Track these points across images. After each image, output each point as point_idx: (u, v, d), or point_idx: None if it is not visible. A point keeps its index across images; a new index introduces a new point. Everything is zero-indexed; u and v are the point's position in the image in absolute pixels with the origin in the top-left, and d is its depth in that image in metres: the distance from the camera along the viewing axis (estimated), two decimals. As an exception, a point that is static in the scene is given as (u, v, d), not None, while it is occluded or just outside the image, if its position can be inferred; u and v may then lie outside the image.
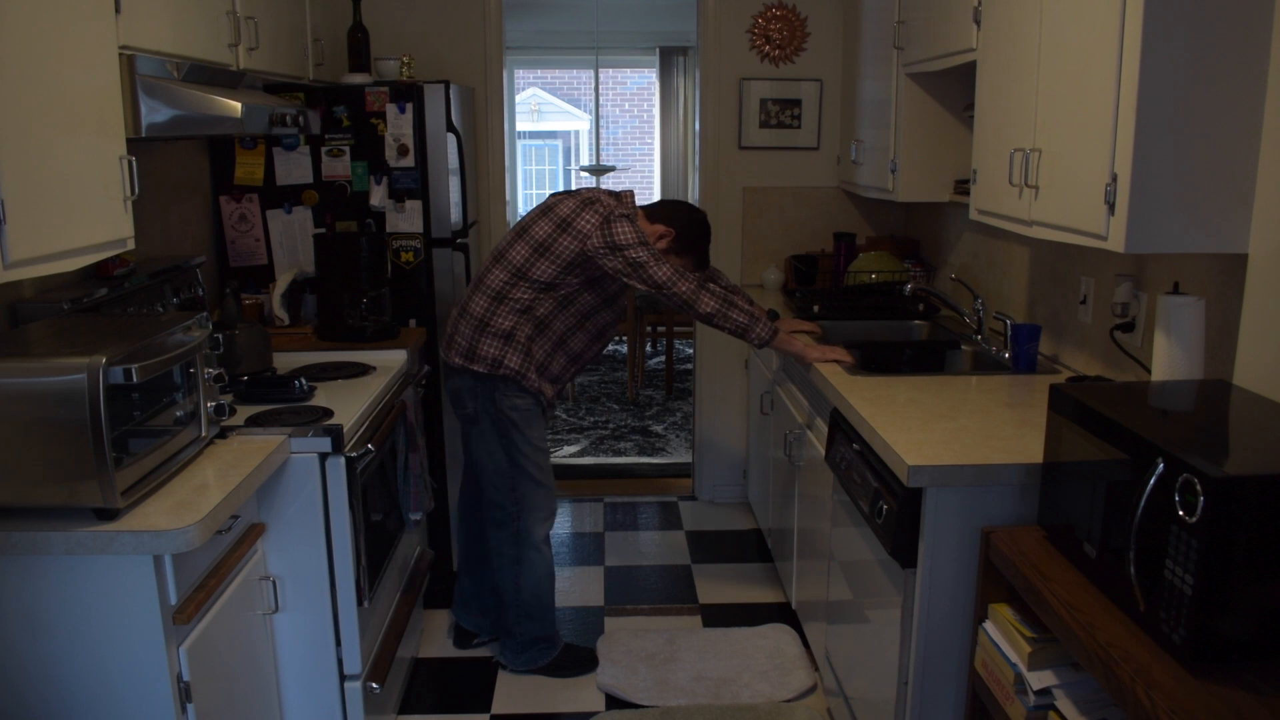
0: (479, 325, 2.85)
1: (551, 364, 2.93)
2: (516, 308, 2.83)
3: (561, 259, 2.80)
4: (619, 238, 2.76)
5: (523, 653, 3.08)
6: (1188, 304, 2.01)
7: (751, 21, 4.14)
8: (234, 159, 3.39)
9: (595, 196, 2.87)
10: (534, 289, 2.83)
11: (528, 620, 3.05)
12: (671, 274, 2.77)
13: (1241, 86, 1.84)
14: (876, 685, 2.32)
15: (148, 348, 1.84)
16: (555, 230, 2.81)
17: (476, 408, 2.91)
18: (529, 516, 2.98)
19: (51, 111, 1.78)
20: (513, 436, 2.91)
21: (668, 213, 2.96)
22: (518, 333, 2.84)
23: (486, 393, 2.88)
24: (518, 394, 2.89)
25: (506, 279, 2.84)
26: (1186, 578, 1.36)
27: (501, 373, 2.85)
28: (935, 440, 2.10)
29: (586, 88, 9.62)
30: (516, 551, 3.00)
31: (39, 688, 1.77)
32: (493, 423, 2.90)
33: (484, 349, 2.84)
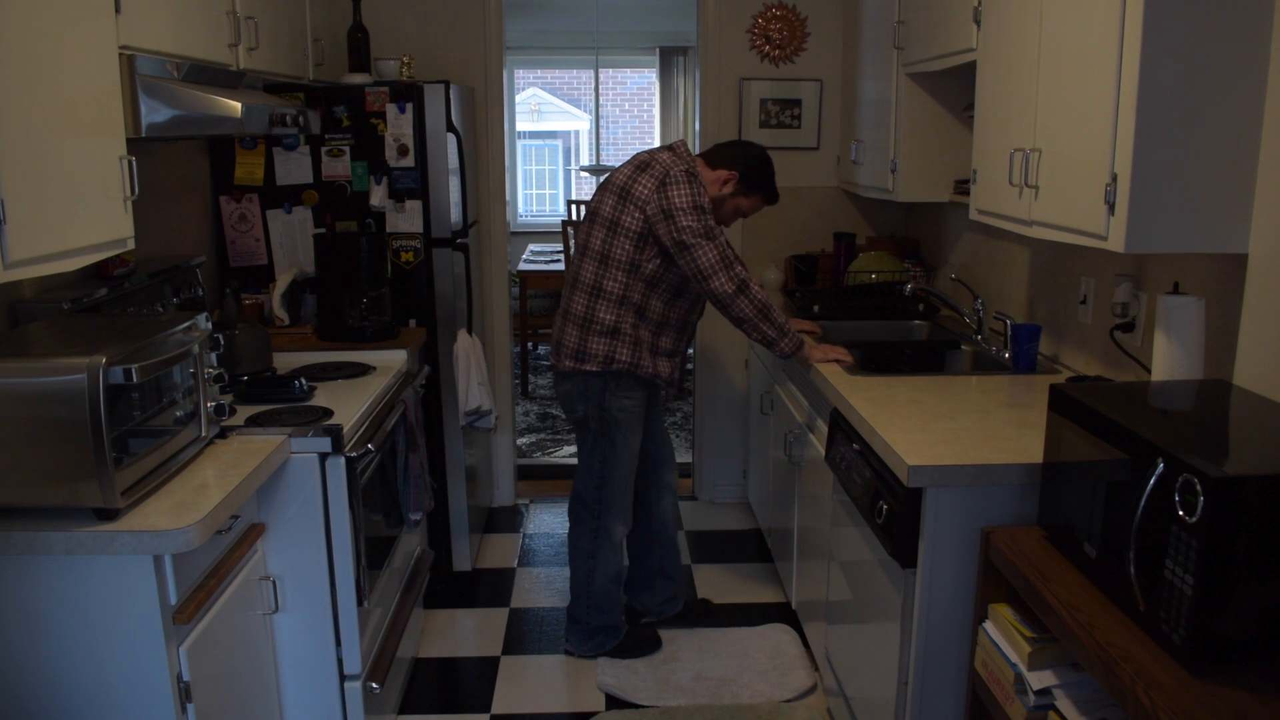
0: (583, 324, 2.90)
1: (661, 340, 2.96)
2: (613, 299, 2.86)
3: (632, 232, 2.81)
4: (675, 199, 2.74)
5: (589, 639, 3.17)
6: (1188, 304, 2.01)
7: (751, 21, 4.14)
8: (234, 159, 3.39)
9: (650, 158, 2.86)
10: (624, 274, 2.84)
11: (596, 611, 3.14)
12: (715, 262, 2.74)
13: (1241, 86, 1.84)
14: (876, 685, 2.32)
15: (148, 348, 1.84)
16: (619, 203, 2.83)
17: (586, 410, 2.97)
18: (609, 516, 3.06)
19: (52, 111, 1.78)
20: (614, 437, 2.97)
21: (728, 155, 2.94)
22: (622, 324, 2.87)
23: (597, 394, 2.93)
24: (628, 394, 2.94)
25: (596, 269, 2.88)
26: (1186, 578, 1.36)
27: (614, 368, 2.89)
28: (935, 440, 2.10)
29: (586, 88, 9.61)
30: (593, 547, 3.09)
31: (39, 688, 1.77)
32: (599, 422, 2.97)
33: (593, 347, 2.88)
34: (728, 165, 2.93)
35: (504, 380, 4.33)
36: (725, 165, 2.93)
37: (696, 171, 2.84)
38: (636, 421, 3.00)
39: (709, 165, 2.93)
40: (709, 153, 2.99)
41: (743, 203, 2.97)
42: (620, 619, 3.19)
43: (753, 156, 2.96)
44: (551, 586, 3.70)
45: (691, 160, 2.88)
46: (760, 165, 2.97)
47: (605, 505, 3.04)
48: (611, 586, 3.13)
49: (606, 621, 3.15)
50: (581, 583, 3.13)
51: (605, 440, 2.98)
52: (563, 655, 3.22)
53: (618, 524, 3.07)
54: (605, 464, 3.00)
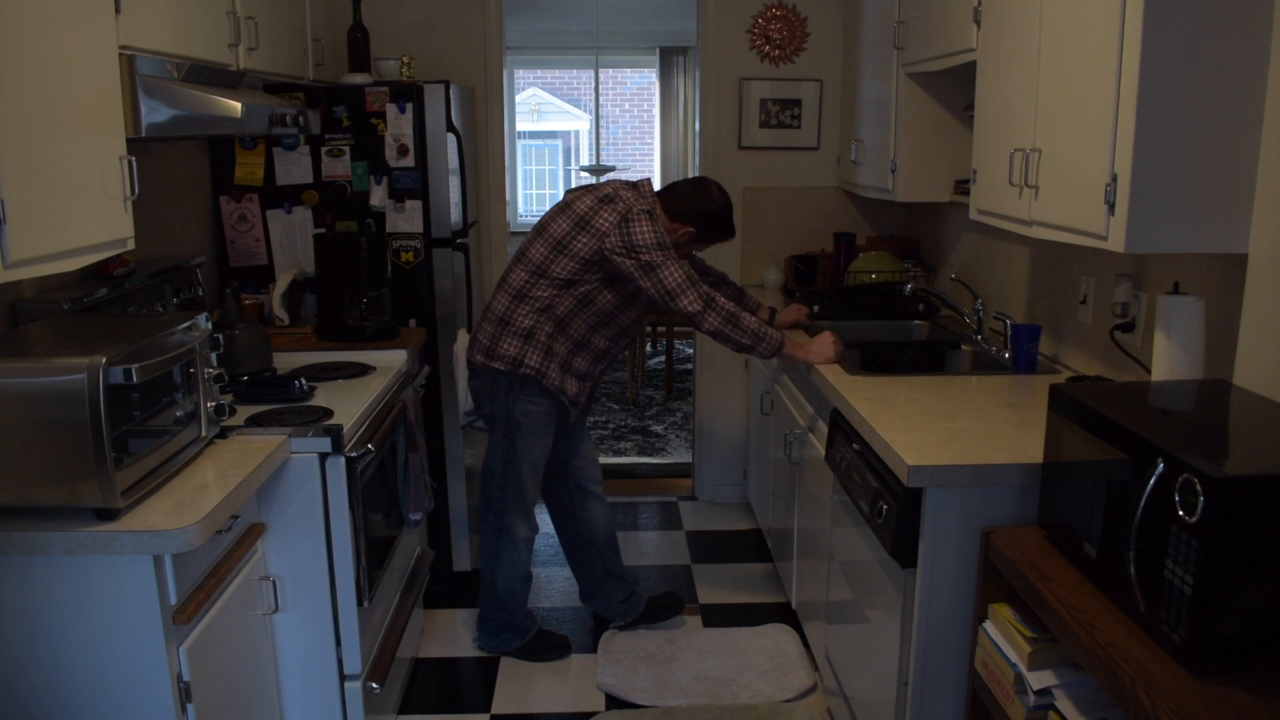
0: (500, 323, 2.91)
1: (575, 361, 2.97)
2: (536, 306, 2.87)
3: (579, 257, 2.82)
4: (636, 238, 2.77)
5: (495, 637, 3.20)
6: (1188, 304, 2.01)
7: (751, 21, 4.14)
8: (234, 159, 3.39)
9: (614, 193, 2.87)
10: (553, 286, 2.85)
11: (500, 610, 3.17)
12: (682, 282, 2.77)
13: (1241, 86, 1.84)
14: (876, 685, 2.32)
15: (148, 348, 1.84)
16: (573, 228, 2.83)
17: (493, 409, 2.99)
18: (510, 516, 3.07)
19: (52, 111, 1.78)
20: (515, 441, 2.98)
21: (687, 208, 2.93)
22: (538, 331, 2.88)
23: (503, 394, 2.94)
24: (532, 399, 2.94)
25: (526, 278, 2.89)
26: (1186, 578, 1.36)
27: (521, 371, 2.90)
28: (935, 440, 2.10)
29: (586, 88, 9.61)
30: (496, 546, 3.11)
31: (39, 688, 1.77)
32: (504, 423, 2.98)
33: (504, 347, 2.89)
34: (685, 220, 2.92)
35: (504, 380, 4.33)
36: (682, 219, 2.92)
37: (655, 214, 2.85)
38: (542, 428, 3.00)
39: (668, 214, 2.92)
40: (669, 199, 2.94)
41: (696, 248, 3.01)
42: (523, 620, 3.20)
43: (710, 212, 2.94)
44: (551, 586, 3.70)
45: (654, 202, 2.89)
46: (717, 219, 2.96)
47: (506, 505, 3.05)
48: (516, 586, 3.14)
49: (509, 620, 3.17)
50: (487, 581, 3.15)
51: (507, 442, 2.99)
52: (562, 655, 3.22)
53: (519, 524, 3.08)
54: (507, 465, 3.01)
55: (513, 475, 3.02)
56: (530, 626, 3.22)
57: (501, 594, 3.14)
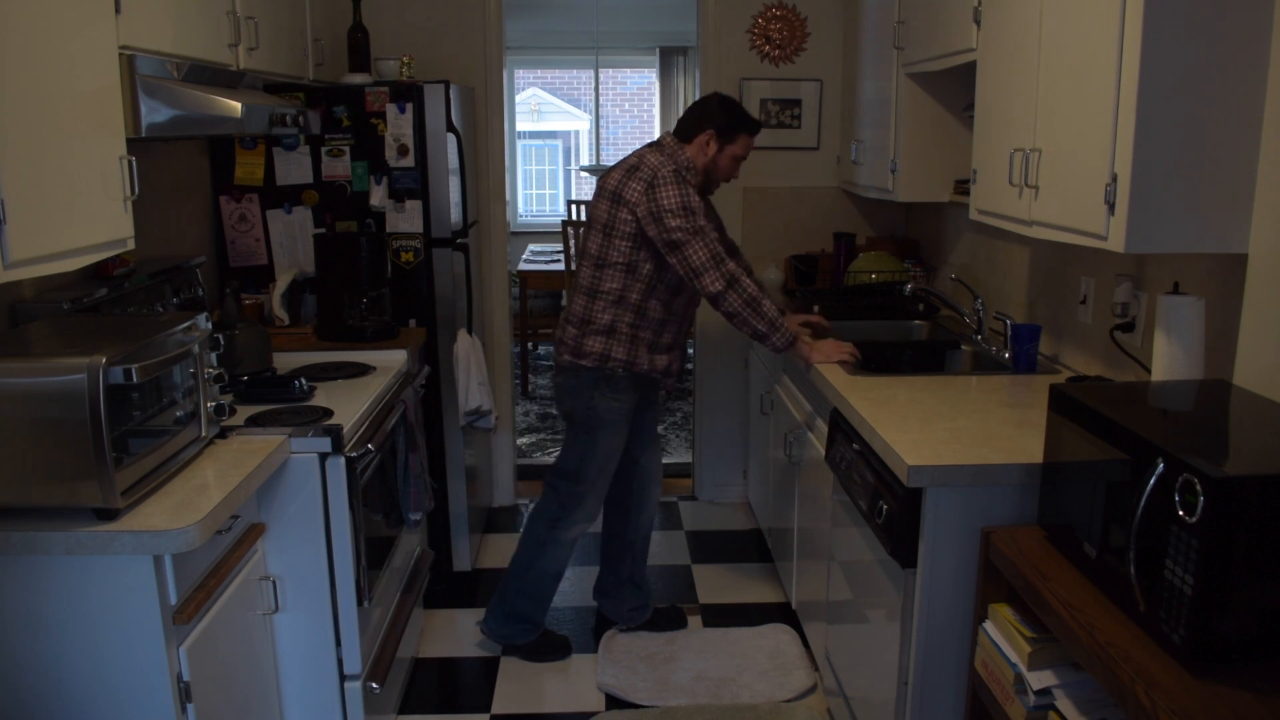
0: (581, 323, 2.94)
1: (662, 338, 2.99)
2: (610, 299, 2.89)
3: (626, 234, 2.84)
4: (662, 201, 2.77)
5: (505, 624, 3.16)
6: (1188, 304, 2.01)
7: (751, 21, 4.14)
8: (234, 159, 3.39)
9: (639, 161, 2.89)
10: (618, 274, 2.88)
11: (522, 597, 3.14)
12: (706, 261, 2.77)
13: (1242, 86, 1.84)
14: (876, 685, 2.32)
15: (148, 348, 1.84)
16: (611, 206, 2.86)
17: (574, 404, 2.99)
18: (571, 515, 3.06)
19: (52, 111, 1.78)
20: (596, 435, 2.99)
21: (694, 120, 2.96)
22: (618, 324, 2.90)
23: (587, 390, 2.95)
24: (616, 395, 2.96)
25: (592, 272, 2.92)
26: (1186, 578, 1.36)
27: (609, 366, 2.92)
28: (935, 440, 2.10)
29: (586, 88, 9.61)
30: (547, 535, 3.09)
31: (39, 688, 1.77)
32: (585, 419, 2.98)
33: (590, 345, 2.92)
34: (699, 128, 2.94)
35: (504, 380, 4.33)
36: (697, 129, 2.94)
37: (686, 166, 2.88)
38: (622, 423, 3.01)
39: (685, 140, 2.96)
40: (678, 130, 2.99)
41: (732, 150, 2.96)
42: (541, 618, 3.18)
43: (714, 106, 2.97)
44: (551, 586, 3.70)
45: (677, 151, 2.91)
46: (725, 109, 2.97)
47: (574, 501, 3.05)
48: (548, 580, 3.13)
49: (528, 611, 3.15)
50: (522, 565, 3.13)
51: (587, 437, 3.00)
52: (563, 655, 3.22)
53: (579, 523, 3.08)
54: (582, 461, 3.02)
55: (589, 470, 3.02)
56: (541, 626, 3.21)
57: (532, 583, 3.11)
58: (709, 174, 2.98)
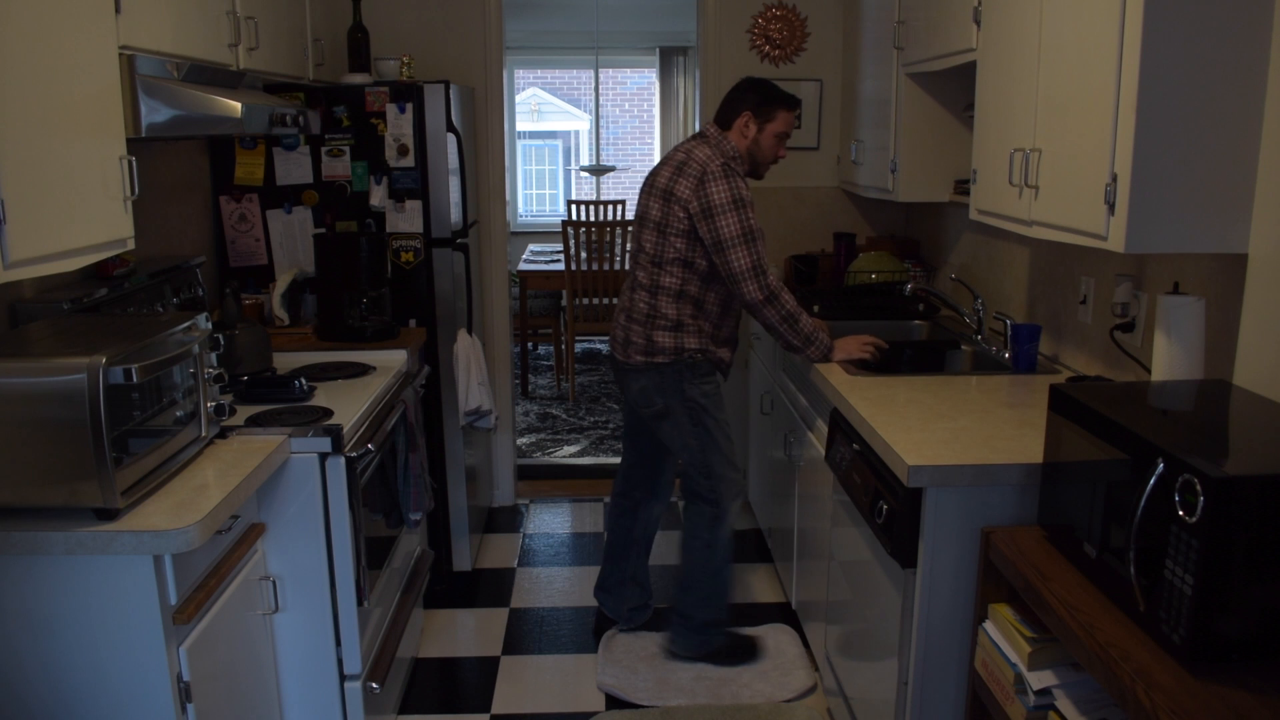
0: (647, 321, 2.92)
1: (722, 330, 2.99)
2: (671, 294, 2.89)
3: (680, 232, 2.83)
4: (713, 196, 2.77)
5: (696, 637, 3.11)
6: (1188, 304, 2.01)
7: (751, 21, 4.14)
8: (234, 159, 3.39)
9: (687, 157, 2.87)
10: (676, 271, 2.87)
11: (707, 604, 3.08)
12: (748, 268, 2.76)
13: (1241, 86, 1.84)
14: (876, 685, 2.32)
15: (148, 348, 1.84)
16: (664, 204, 2.86)
17: (667, 401, 2.96)
18: (725, 500, 3.02)
19: (52, 111, 1.78)
20: (705, 422, 2.96)
21: (731, 106, 2.94)
22: (683, 317, 2.90)
23: (675, 383, 2.93)
24: (705, 378, 2.95)
25: (651, 269, 2.91)
26: (1186, 578, 1.36)
27: (686, 357, 2.90)
28: (935, 440, 2.10)
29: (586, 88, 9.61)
30: (711, 535, 3.03)
31: (39, 688, 1.77)
32: (686, 411, 2.95)
33: (661, 341, 2.91)
34: (736, 112, 2.92)
35: (504, 380, 4.33)
36: (734, 114, 2.93)
37: (733, 156, 2.87)
38: (721, 401, 2.99)
39: (724, 127, 2.94)
40: (718, 119, 2.98)
41: (772, 128, 2.93)
42: (726, 615, 3.12)
43: (746, 89, 2.95)
44: (552, 586, 3.70)
45: (723, 141, 2.90)
46: (757, 89, 2.95)
47: (721, 490, 3.00)
48: (726, 574, 3.08)
49: (715, 615, 3.10)
50: (697, 575, 3.06)
51: (698, 428, 2.95)
52: (563, 655, 3.22)
53: (733, 503, 3.03)
54: (705, 450, 2.97)
55: (716, 454, 2.97)
56: (728, 622, 3.14)
57: (714, 586, 3.06)
58: (754, 156, 2.94)
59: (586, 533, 4.20)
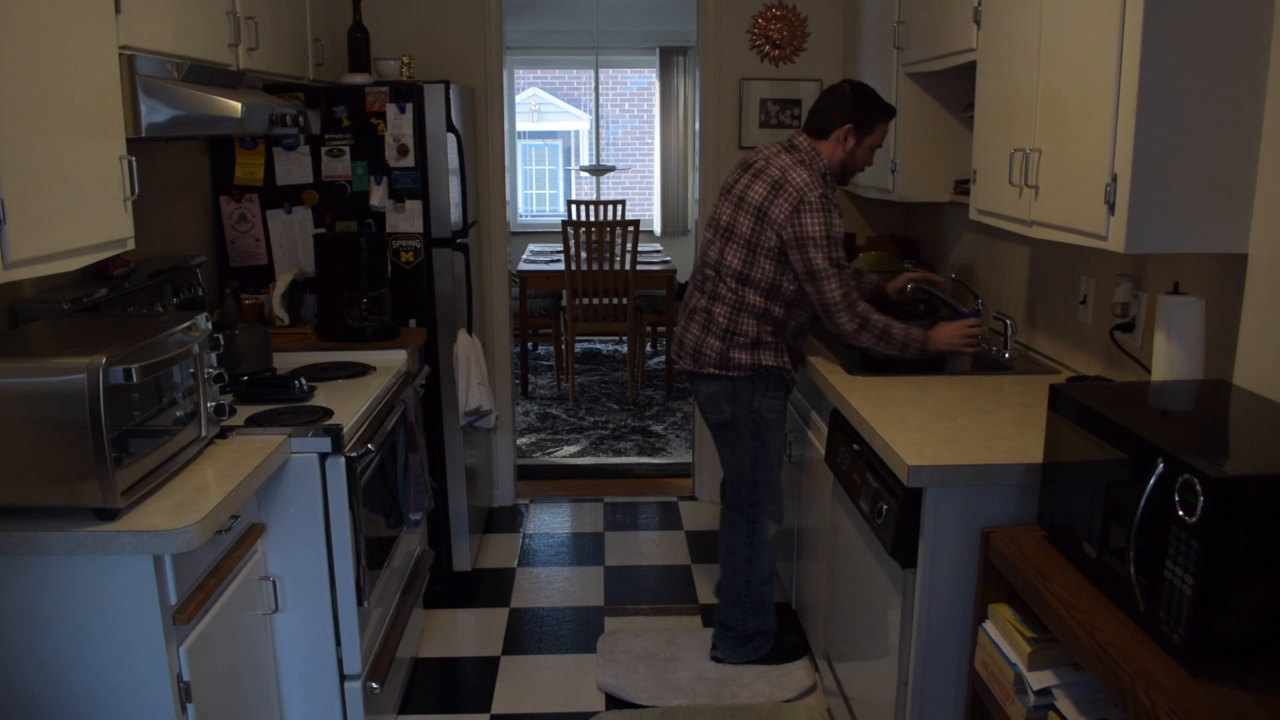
0: (725, 337, 2.88)
1: (797, 344, 2.98)
2: (754, 314, 2.85)
3: (773, 252, 2.78)
4: (809, 229, 2.71)
5: (744, 645, 3.11)
6: (1188, 304, 2.01)
7: (751, 21, 4.14)
8: (234, 159, 3.39)
9: (783, 177, 2.77)
10: (763, 292, 2.82)
11: (752, 617, 3.09)
12: (840, 300, 2.73)
13: (1242, 86, 1.84)
14: (876, 685, 2.32)
15: (148, 348, 1.84)
16: (756, 224, 2.79)
17: (735, 410, 2.93)
18: (763, 517, 3.01)
19: (52, 111, 1.78)
20: (764, 437, 2.94)
21: (829, 115, 2.84)
22: (762, 335, 2.87)
23: (746, 395, 2.91)
24: (774, 394, 2.93)
25: (737, 286, 2.85)
26: (1186, 578, 1.36)
27: (761, 371, 2.89)
28: (935, 440, 2.10)
29: (586, 88, 9.61)
30: (750, 552, 3.03)
31: (39, 688, 1.77)
32: (749, 423, 2.93)
33: (737, 357, 2.88)
34: (836, 123, 2.84)
35: (504, 380, 4.33)
36: (834, 124, 2.84)
37: (824, 174, 2.80)
38: (782, 420, 2.98)
39: (820, 136, 2.85)
40: (809, 124, 2.89)
41: (870, 141, 2.88)
42: (772, 624, 3.13)
43: (848, 98, 2.85)
44: (552, 586, 3.70)
45: (815, 157, 2.81)
46: (860, 99, 2.85)
47: (759, 507, 2.99)
48: (767, 589, 3.08)
49: (761, 626, 3.10)
50: (739, 589, 3.07)
51: (756, 441, 2.93)
52: (563, 655, 3.22)
53: (771, 523, 3.03)
54: (756, 466, 2.95)
55: (764, 473, 2.96)
56: (774, 631, 3.14)
57: (756, 599, 3.07)
58: (845, 166, 2.89)
59: (586, 533, 4.21)
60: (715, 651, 3.15)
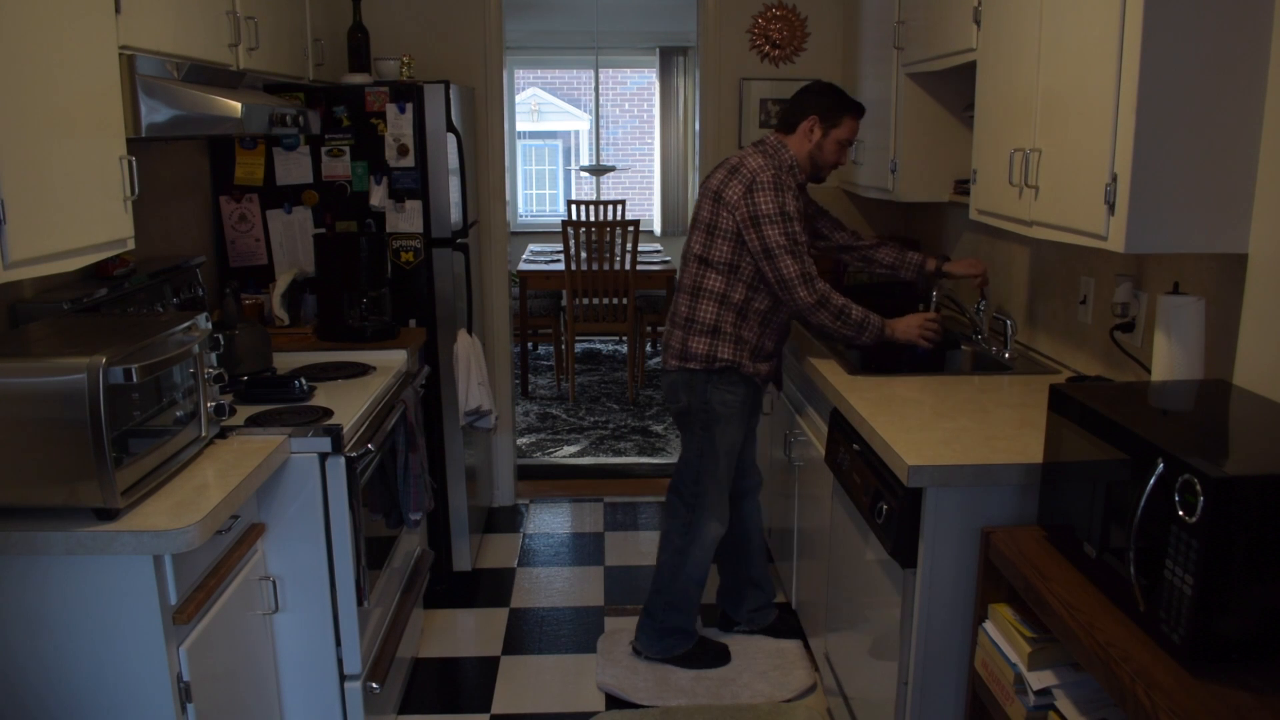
0: (686, 324, 2.91)
1: (764, 342, 2.95)
2: (713, 298, 2.86)
3: (728, 235, 2.81)
4: (761, 206, 2.75)
5: (660, 640, 3.11)
6: (1188, 304, 2.01)
7: (751, 21, 4.14)
8: (234, 159, 3.39)
9: (740, 162, 2.85)
10: (721, 275, 2.84)
11: (672, 610, 3.08)
12: (797, 275, 2.74)
13: (1242, 86, 1.84)
14: (876, 685, 2.32)
15: (148, 348, 1.84)
16: (714, 206, 2.84)
17: (690, 400, 2.94)
18: (703, 512, 3.00)
19: (52, 111, 1.78)
20: (713, 431, 2.94)
21: (798, 109, 2.89)
22: (722, 324, 2.87)
23: (701, 385, 2.91)
24: (730, 388, 2.92)
25: (696, 270, 2.89)
26: (1186, 578, 1.36)
27: (717, 366, 2.88)
28: (935, 440, 2.10)
29: (586, 88, 9.61)
30: (683, 543, 3.03)
31: (39, 688, 1.77)
32: (701, 415, 2.94)
33: (695, 346, 2.89)
34: (802, 115, 2.88)
35: (504, 380, 4.33)
36: (800, 117, 2.88)
37: (789, 168, 2.83)
38: (738, 416, 2.96)
39: (788, 131, 2.90)
40: (781, 123, 2.95)
41: (837, 134, 2.89)
42: (693, 625, 3.12)
43: (815, 92, 2.90)
44: (552, 586, 3.70)
45: (781, 151, 2.86)
46: (828, 94, 2.90)
47: (700, 500, 2.99)
48: (693, 589, 3.07)
49: (680, 624, 3.09)
50: (665, 578, 3.07)
51: (705, 434, 2.94)
52: (563, 655, 3.22)
53: (712, 521, 3.01)
54: (702, 457, 2.96)
55: (709, 467, 2.96)
56: (695, 634, 3.14)
57: (678, 594, 3.06)
58: (815, 161, 2.90)
59: (586, 533, 4.21)
60: (635, 641, 3.16)
